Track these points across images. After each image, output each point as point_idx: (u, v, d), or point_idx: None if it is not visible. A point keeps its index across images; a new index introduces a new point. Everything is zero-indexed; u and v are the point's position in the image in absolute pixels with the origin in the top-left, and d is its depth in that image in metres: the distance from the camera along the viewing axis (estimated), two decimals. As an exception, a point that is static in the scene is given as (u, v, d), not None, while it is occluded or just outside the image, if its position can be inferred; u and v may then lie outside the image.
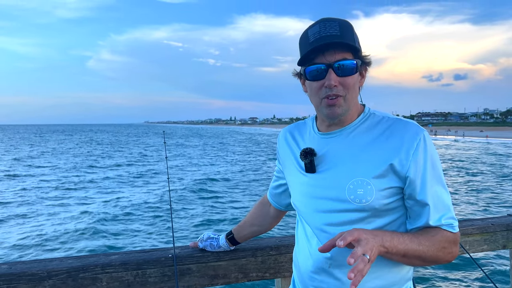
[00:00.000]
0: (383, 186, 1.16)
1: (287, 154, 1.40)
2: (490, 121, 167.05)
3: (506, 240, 2.16)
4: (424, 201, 1.17)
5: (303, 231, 1.33)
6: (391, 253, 1.10)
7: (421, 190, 1.16)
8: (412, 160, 1.15)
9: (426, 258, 1.15)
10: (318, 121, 1.34)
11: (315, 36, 1.15)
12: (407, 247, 1.11)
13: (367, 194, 1.16)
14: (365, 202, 1.16)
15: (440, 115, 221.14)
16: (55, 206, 15.24)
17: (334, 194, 1.20)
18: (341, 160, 1.22)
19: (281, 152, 1.45)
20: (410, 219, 1.22)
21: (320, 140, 1.28)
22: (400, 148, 1.16)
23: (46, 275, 1.42)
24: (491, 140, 63.76)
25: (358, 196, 1.16)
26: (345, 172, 1.19)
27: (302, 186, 1.30)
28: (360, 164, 1.18)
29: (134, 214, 14.07)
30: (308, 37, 1.18)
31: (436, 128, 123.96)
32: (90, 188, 19.60)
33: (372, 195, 1.16)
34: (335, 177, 1.21)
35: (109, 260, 1.52)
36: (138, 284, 1.52)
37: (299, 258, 1.35)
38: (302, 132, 1.38)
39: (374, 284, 1.21)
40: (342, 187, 1.19)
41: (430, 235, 1.17)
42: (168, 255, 1.57)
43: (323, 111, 1.21)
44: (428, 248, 1.14)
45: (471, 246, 2.08)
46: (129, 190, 19.02)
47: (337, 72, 1.16)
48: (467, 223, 2.14)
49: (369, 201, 1.16)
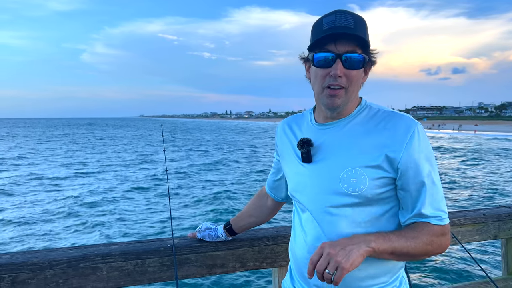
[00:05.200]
0: (376, 176, 1.19)
1: (285, 145, 1.42)
2: (484, 115, 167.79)
3: (497, 230, 2.21)
4: (415, 192, 1.20)
5: (299, 221, 1.35)
6: (377, 252, 1.13)
7: (413, 182, 1.19)
8: (405, 151, 1.17)
9: (415, 253, 1.18)
10: (316, 112, 1.36)
11: (329, 25, 1.17)
12: (393, 244, 1.15)
13: (360, 183, 1.19)
14: (358, 191, 1.19)
15: (435, 109, 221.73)
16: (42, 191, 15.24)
17: (329, 183, 1.23)
18: (335, 151, 1.25)
19: (279, 143, 1.47)
20: (402, 210, 1.24)
21: (317, 131, 1.31)
22: (393, 139, 1.18)
23: (47, 265, 1.44)
24: (482, 134, 63.98)
25: (352, 185, 1.19)
26: (339, 162, 1.22)
27: (299, 176, 1.32)
28: (354, 154, 1.21)
29: (133, 204, 14.14)
30: (322, 25, 1.19)
31: (432, 122, 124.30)
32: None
33: (365, 184, 1.18)
34: (329, 167, 1.24)
35: (109, 250, 1.55)
36: (138, 273, 1.55)
37: (295, 247, 1.38)
38: (300, 124, 1.41)
39: (367, 273, 1.24)
40: (336, 176, 1.22)
41: (417, 230, 1.19)
42: (167, 245, 1.60)
43: (323, 100, 1.23)
44: (416, 243, 1.17)
45: (463, 236, 2.12)
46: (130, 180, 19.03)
47: (344, 64, 1.18)
48: (460, 214, 2.19)
49: (362, 190, 1.19)
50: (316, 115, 1.35)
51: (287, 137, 1.42)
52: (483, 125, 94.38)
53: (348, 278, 1.18)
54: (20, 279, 1.41)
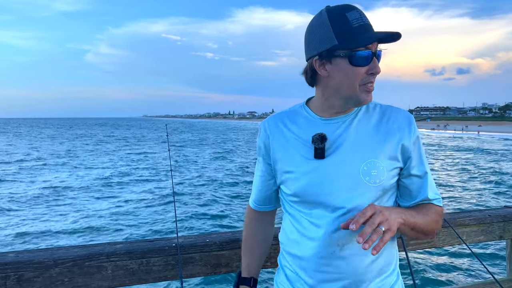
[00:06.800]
0: (392, 166, 1.24)
1: (283, 144, 1.33)
2: (488, 116, 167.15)
3: (503, 231, 2.20)
4: (422, 177, 1.28)
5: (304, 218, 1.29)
6: (406, 225, 1.17)
7: (420, 168, 1.28)
8: (412, 140, 1.26)
9: (427, 231, 1.24)
10: (314, 107, 1.33)
11: (358, 22, 1.16)
12: (415, 220, 1.20)
13: (380, 174, 1.22)
14: (379, 182, 1.22)
15: (439, 110, 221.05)
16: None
17: (349, 177, 1.22)
18: (351, 144, 1.25)
19: (273, 143, 1.35)
20: (407, 196, 1.30)
21: (324, 126, 1.28)
22: (402, 130, 1.26)
23: (52, 263, 1.44)
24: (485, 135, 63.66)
25: (373, 177, 1.22)
26: (358, 154, 1.23)
27: (308, 174, 1.26)
28: (371, 146, 1.24)
29: (139, 205, 14.18)
30: (349, 21, 1.16)
31: (436, 122, 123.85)
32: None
33: (384, 175, 1.23)
34: (347, 160, 1.23)
35: (114, 249, 1.55)
36: (143, 272, 1.55)
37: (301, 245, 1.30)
38: (294, 120, 1.34)
39: (380, 266, 1.27)
40: (357, 169, 1.22)
41: (427, 209, 1.27)
42: (172, 244, 1.60)
43: (360, 97, 1.21)
44: (428, 221, 1.24)
45: (468, 236, 2.12)
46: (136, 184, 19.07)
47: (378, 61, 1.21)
48: (465, 215, 2.18)
49: (382, 181, 1.23)
50: (317, 110, 1.31)
51: (284, 136, 1.33)
52: (487, 126, 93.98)
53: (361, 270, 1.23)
54: (26, 277, 1.41)
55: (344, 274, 1.23)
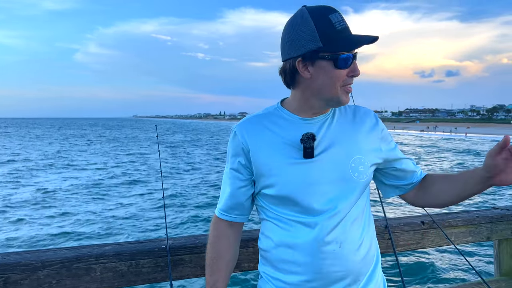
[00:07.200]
0: (374, 161, 1.32)
1: (264, 146, 1.28)
2: (476, 118, 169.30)
3: (490, 231, 2.23)
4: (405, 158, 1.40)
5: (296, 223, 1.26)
6: None
7: (398, 153, 1.39)
8: (384, 131, 1.37)
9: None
10: (291, 108, 1.31)
11: (341, 25, 1.17)
12: None
13: (365, 170, 1.28)
14: (365, 177, 1.28)
15: (428, 112, 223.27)
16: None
17: (338, 174, 1.24)
18: (337, 142, 1.27)
19: (252, 147, 1.28)
20: (401, 179, 1.41)
21: (306, 126, 1.27)
22: (375, 124, 1.36)
23: (40, 265, 1.42)
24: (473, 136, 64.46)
25: (361, 172, 1.27)
26: (345, 152, 1.27)
27: (296, 175, 1.24)
28: (355, 143, 1.29)
29: (128, 206, 14.06)
30: (333, 23, 1.16)
31: (425, 124, 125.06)
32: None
33: (368, 170, 1.29)
34: (336, 158, 1.25)
35: (102, 250, 1.54)
36: (132, 274, 1.54)
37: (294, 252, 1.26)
38: (274, 121, 1.31)
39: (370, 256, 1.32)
40: (346, 166, 1.25)
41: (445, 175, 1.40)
42: (162, 246, 1.59)
43: (340, 98, 1.23)
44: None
45: (456, 237, 2.14)
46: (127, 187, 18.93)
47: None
48: (453, 216, 2.20)
49: (367, 176, 1.29)
50: (297, 110, 1.29)
51: (266, 137, 1.28)
52: (475, 128, 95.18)
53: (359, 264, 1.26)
54: (13, 279, 1.39)
55: (345, 271, 1.24)
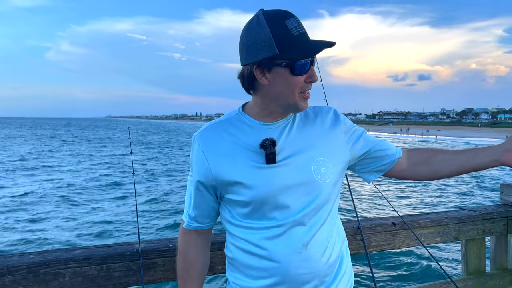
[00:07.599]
0: (339, 159, 1.33)
1: (226, 154, 1.25)
2: (446, 121, 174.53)
3: (458, 232, 2.30)
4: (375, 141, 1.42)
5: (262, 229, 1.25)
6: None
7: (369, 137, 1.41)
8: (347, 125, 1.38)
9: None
10: (252, 113, 1.29)
11: (298, 31, 1.15)
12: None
13: (328, 171, 1.27)
14: (329, 179, 1.27)
15: (400, 114, 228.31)
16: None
17: (302, 178, 1.24)
18: (298, 146, 1.27)
19: (213, 156, 1.26)
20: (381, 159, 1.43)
21: (267, 131, 1.26)
22: (337, 122, 1.36)
23: (5, 271, 1.38)
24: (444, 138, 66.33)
25: (323, 174, 1.26)
26: (306, 155, 1.26)
27: (260, 179, 1.22)
28: (317, 146, 1.29)
29: (98, 207, 13.74)
30: (289, 29, 1.15)
31: (398, 127, 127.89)
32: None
33: (331, 171, 1.28)
34: (298, 162, 1.25)
35: (72, 255, 1.50)
36: (103, 278, 1.51)
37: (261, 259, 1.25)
38: (236, 127, 1.28)
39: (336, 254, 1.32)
40: (308, 169, 1.25)
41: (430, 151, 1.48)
42: (133, 250, 1.57)
43: (298, 104, 1.22)
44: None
45: (425, 238, 2.20)
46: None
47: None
48: (423, 217, 2.26)
49: (331, 177, 1.28)
50: (258, 115, 1.28)
51: (228, 144, 1.26)
52: (446, 130, 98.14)
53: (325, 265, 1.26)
54: (-24, 286, 1.34)
55: (312, 274, 1.25)
